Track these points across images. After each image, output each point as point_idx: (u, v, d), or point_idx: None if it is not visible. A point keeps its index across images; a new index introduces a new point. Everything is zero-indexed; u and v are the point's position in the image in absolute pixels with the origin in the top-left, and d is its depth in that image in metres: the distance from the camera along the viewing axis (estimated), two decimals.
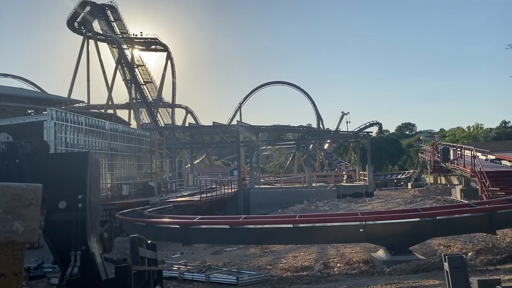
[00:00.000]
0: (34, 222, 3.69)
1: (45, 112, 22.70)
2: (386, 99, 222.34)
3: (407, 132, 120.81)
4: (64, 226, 4.78)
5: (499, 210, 13.99)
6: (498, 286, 5.25)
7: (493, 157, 30.07)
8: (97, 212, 5.61)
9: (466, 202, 19.85)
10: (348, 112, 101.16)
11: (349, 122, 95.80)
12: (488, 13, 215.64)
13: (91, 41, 76.71)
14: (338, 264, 13.60)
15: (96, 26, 75.35)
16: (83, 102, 66.89)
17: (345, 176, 47.75)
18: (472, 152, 25.65)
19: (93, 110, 64.90)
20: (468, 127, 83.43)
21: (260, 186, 39.43)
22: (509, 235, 15.17)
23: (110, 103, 74.74)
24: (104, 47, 76.42)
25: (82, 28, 76.88)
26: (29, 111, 42.40)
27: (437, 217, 13.52)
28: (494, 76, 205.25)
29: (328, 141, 74.88)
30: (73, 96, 69.64)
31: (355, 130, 74.37)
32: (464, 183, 30.79)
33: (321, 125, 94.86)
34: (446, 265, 6.55)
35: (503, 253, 12.86)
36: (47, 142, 5.98)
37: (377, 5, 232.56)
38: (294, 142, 64.04)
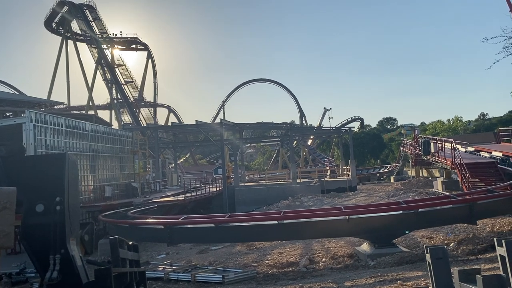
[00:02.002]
0: (9, 226, 3.61)
1: (24, 115, 22.24)
2: (367, 94, 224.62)
3: (389, 127, 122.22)
4: (42, 229, 4.69)
5: (479, 200, 14.27)
6: (478, 275, 5.33)
7: (472, 149, 30.58)
8: (77, 214, 5.52)
9: (447, 194, 20.18)
10: (331, 108, 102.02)
11: (332, 118, 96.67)
12: (465, 7, 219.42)
13: (70, 42, 75.50)
14: (323, 259, 13.68)
15: (75, 26, 74.25)
16: (63, 103, 65.78)
17: (329, 171, 48.02)
18: (452, 145, 26.05)
19: (74, 112, 63.98)
20: (448, 120, 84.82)
21: (245, 184, 39.42)
22: (489, 225, 15.46)
23: (90, 104, 73.75)
24: (83, 47, 75.38)
25: (61, 28, 75.61)
26: (7, 114, 41.53)
27: (419, 210, 13.70)
28: (471, 69, 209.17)
29: (312, 137, 75.26)
30: (52, 98, 68.51)
31: (338, 126, 74.77)
32: (445, 175, 31.28)
33: (304, 122, 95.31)
34: (428, 256, 6.63)
35: (484, 242, 13.11)
36: (23, 145, 5.86)
37: (357, 1, 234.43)
38: (278, 139, 64.20)
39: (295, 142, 58.41)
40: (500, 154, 25.27)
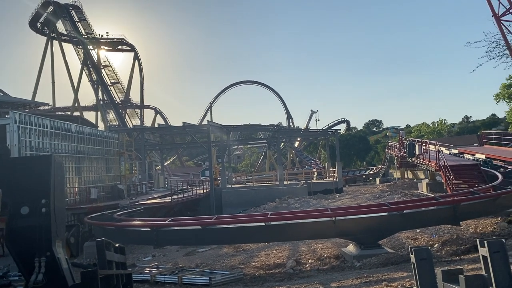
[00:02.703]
0: None
1: (8, 116, 21.92)
2: (354, 97, 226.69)
3: (374, 129, 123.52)
4: (27, 231, 4.66)
5: (462, 202, 14.49)
6: (461, 275, 5.43)
7: (456, 151, 31.04)
8: (62, 216, 5.48)
9: (432, 195, 20.44)
10: (317, 111, 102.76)
11: (318, 120, 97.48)
12: (451, 11, 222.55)
13: (55, 42, 74.72)
14: (309, 260, 13.75)
15: (60, 26, 73.50)
16: (48, 104, 64.96)
17: (315, 173, 48.24)
18: (437, 147, 26.42)
19: (59, 113, 63.26)
20: (433, 123, 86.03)
21: (232, 186, 39.37)
22: (472, 226, 15.72)
23: (76, 105, 72.99)
24: (69, 48, 74.68)
25: (46, 28, 74.77)
26: None
27: (405, 211, 13.87)
28: (456, 73, 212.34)
29: (299, 139, 75.52)
30: (37, 99, 67.72)
31: (324, 128, 75.29)
32: (430, 177, 31.67)
33: (291, 124, 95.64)
34: (412, 257, 6.71)
35: (467, 243, 13.32)
36: (7, 147, 5.81)
37: (343, 3, 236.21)
38: (265, 141, 64.26)
39: (282, 144, 58.63)
40: (483, 156, 25.71)
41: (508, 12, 22.54)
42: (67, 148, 25.86)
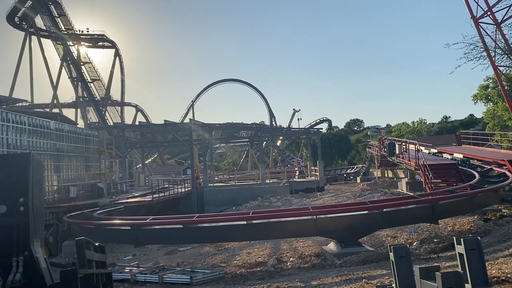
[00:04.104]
0: None
1: None
2: (335, 97, 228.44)
3: (356, 128, 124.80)
4: (5, 231, 4.58)
5: (440, 201, 14.77)
6: (437, 272, 5.56)
7: (435, 150, 31.57)
8: (41, 215, 5.41)
9: (411, 194, 20.78)
10: (300, 110, 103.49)
11: (301, 119, 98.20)
12: (432, 13, 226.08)
13: (34, 37, 73.16)
14: (291, 259, 13.83)
15: (39, 21, 71.98)
16: (26, 101, 63.68)
17: (297, 172, 48.51)
18: (416, 146, 26.85)
19: (37, 110, 61.97)
20: (413, 123, 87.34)
21: (214, 184, 39.30)
22: (450, 224, 16.03)
23: (55, 102, 71.74)
24: (48, 43, 73.31)
25: (24, 23, 73.17)
26: None
27: (384, 209, 14.06)
28: (435, 74, 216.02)
29: (281, 138, 75.81)
30: (15, 95, 66.14)
31: (306, 127, 75.67)
32: (410, 176, 32.18)
33: (273, 123, 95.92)
34: (391, 255, 6.84)
35: (445, 241, 13.59)
36: None
37: (324, 2, 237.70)
38: (247, 140, 64.37)
39: (265, 142, 58.78)
40: (461, 156, 26.22)
41: (485, 15, 23.00)
42: (45, 146, 25.43)
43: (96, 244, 6.27)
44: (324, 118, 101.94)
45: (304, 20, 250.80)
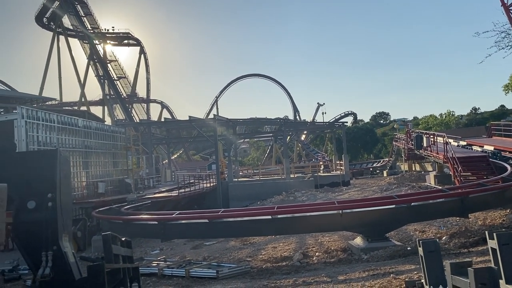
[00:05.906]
0: (0, 223, 3.58)
1: (16, 111, 22.05)
2: (361, 89, 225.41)
3: (382, 121, 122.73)
4: (34, 226, 4.67)
5: (470, 194, 14.38)
6: (469, 268, 5.37)
7: (464, 143, 30.79)
8: (69, 210, 5.49)
9: (440, 187, 20.31)
10: (324, 103, 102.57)
11: (325, 113, 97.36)
12: (460, 2, 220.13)
13: (62, 37, 74.91)
14: (316, 253, 13.73)
15: (66, 21, 73.55)
16: (55, 99, 65.33)
17: (322, 166, 48.12)
18: (445, 139, 26.21)
19: (66, 108, 63.66)
20: (441, 115, 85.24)
21: (239, 179, 39.41)
22: (481, 218, 15.60)
23: (83, 100, 73.34)
24: (75, 42, 74.89)
25: (52, 23, 74.92)
26: None
27: (412, 203, 13.79)
28: (464, 64, 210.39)
29: (305, 132, 75.32)
30: (44, 94, 67.96)
31: (331, 121, 75.06)
32: (438, 169, 31.45)
33: (297, 117, 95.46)
34: (420, 249, 6.67)
35: (476, 236, 13.21)
36: (13, 141, 5.83)
37: None
38: (271, 135, 64.14)
39: (289, 137, 58.46)
40: (491, 148, 25.49)
41: None
42: (74, 143, 26.00)
43: (123, 238, 6.34)
44: (349, 112, 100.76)
45: (327, 14, 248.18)
